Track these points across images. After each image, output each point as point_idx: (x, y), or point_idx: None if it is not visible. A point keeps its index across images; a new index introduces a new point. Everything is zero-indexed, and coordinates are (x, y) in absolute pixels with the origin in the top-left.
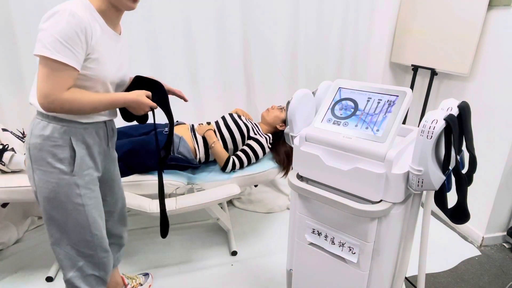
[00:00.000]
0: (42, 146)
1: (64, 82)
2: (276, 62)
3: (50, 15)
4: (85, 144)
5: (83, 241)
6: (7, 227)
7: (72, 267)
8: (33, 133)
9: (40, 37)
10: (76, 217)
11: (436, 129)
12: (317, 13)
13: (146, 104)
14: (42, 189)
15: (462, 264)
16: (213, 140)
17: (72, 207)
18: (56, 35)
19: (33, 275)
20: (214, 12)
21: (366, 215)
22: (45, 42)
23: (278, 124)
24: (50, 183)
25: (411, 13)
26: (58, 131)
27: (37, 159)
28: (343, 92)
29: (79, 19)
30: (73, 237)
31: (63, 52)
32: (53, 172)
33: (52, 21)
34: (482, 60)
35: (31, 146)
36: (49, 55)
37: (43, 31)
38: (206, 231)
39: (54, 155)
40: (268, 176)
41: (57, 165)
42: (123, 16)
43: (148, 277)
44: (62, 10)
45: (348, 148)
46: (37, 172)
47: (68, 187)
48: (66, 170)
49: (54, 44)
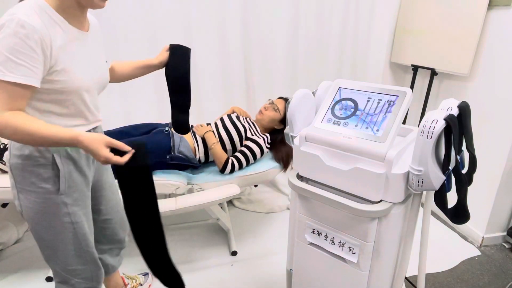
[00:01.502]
0: (24, 166)
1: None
2: (276, 62)
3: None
4: (70, 159)
5: (74, 258)
6: (7, 227)
7: (65, 283)
8: (12, 153)
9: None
10: (66, 236)
11: (436, 129)
12: (317, 13)
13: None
14: (28, 209)
15: (462, 264)
16: (213, 142)
17: (60, 226)
18: (5, 51)
19: (33, 275)
20: (214, 12)
21: (366, 215)
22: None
23: (275, 125)
24: (36, 203)
25: (411, 13)
26: (38, 150)
27: (21, 180)
28: (343, 92)
29: (30, 29)
30: (63, 256)
31: (16, 71)
32: (38, 192)
33: (1, 36)
34: (482, 60)
35: (12, 166)
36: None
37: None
38: (206, 231)
39: (37, 175)
40: (268, 176)
41: (42, 184)
42: (122, 15)
43: (148, 277)
44: (9, 21)
45: (348, 148)
46: (22, 192)
47: (55, 207)
48: (52, 189)
49: (6, 64)
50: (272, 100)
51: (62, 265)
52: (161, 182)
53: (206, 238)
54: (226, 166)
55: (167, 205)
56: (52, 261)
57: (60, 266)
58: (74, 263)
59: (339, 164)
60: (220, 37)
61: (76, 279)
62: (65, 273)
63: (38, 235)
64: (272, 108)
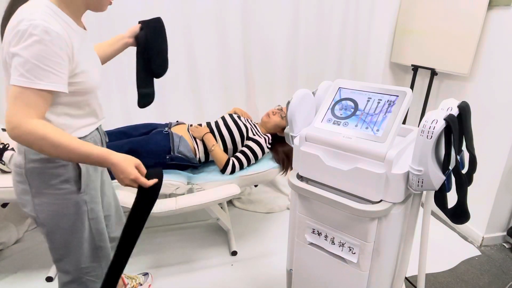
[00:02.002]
0: (43, 169)
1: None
2: (276, 62)
3: (20, 36)
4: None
5: (88, 255)
6: (7, 227)
7: (75, 282)
8: (29, 157)
9: (15, 64)
10: (83, 234)
11: (436, 129)
12: (317, 13)
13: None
14: (46, 213)
15: (462, 264)
16: (212, 144)
17: (80, 225)
18: (33, 59)
19: (33, 275)
20: (214, 12)
21: (366, 215)
22: (22, 70)
23: (278, 131)
24: (56, 205)
25: (411, 13)
26: None
27: (38, 184)
28: (343, 92)
29: (55, 35)
30: (78, 254)
31: (46, 78)
32: (58, 194)
33: (25, 43)
34: (482, 60)
35: (28, 171)
36: (29, 85)
37: (17, 56)
38: (206, 231)
39: (58, 176)
40: (268, 176)
41: (63, 185)
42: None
43: (148, 277)
44: (32, 27)
45: (348, 148)
46: (38, 196)
47: (76, 206)
48: (73, 189)
49: (32, 71)
50: (281, 106)
51: (75, 264)
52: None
53: (206, 238)
54: (227, 166)
55: (167, 205)
56: (65, 261)
57: (73, 265)
58: (88, 261)
59: (339, 164)
60: (220, 37)
61: (87, 277)
62: (78, 272)
63: (54, 238)
64: (280, 115)
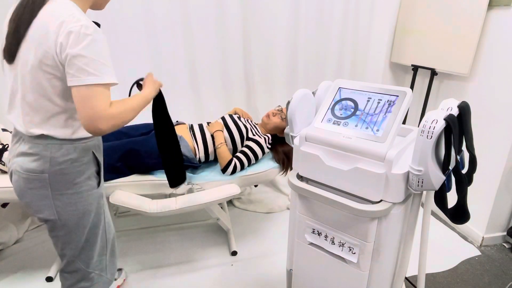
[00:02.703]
0: (70, 169)
1: (108, 100)
2: (276, 62)
3: (76, 37)
4: (100, 152)
5: (99, 250)
6: (7, 227)
7: (83, 280)
8: (55, 160)
9: (80, 64)
10: (99, 228)
11: (436, 129)
12: (317, 13)
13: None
14: (68, 213)
15: (462, 264)
16: (220, 142)
17: (98, 218)
18: (96, 57)
19: (33, 275)
20: (214, 12)
21: (366, 215)
22: (89, 69)
23: (278, 132)
24: (80, 203)
25: (411, 13)
26: (83, 149)
27: (62, 185)
28: (343, 92)
29: (102, 34)
30: (90, 250)
31: (108, 72)
32: (82, 191)
33: (83, 43)
34: (482, 60)
35: (52, 174)
36: (100, 81)
37: (79, 57)
38: (206, 231)
39: (82, 173)
40: (268, 176)
41: (87, 182)
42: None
43: (122, 272)
44: (85, 27)
45: (348, 148)
46: (60, 199)
47: (96, 201)
48: (94, 184)
49: (99, 68)
50: (281, 107)
51: (88, 261)
52: (161, 182)
53: (206, 238)
54: (229, 166)
55: (167, 205)
56: (80, 259)
57: (86, 263)
58: (97, 255)
59: (339, 164)
60: (220, 37)
61: (95, 271)
62: (90, 268)
63: (73, 237)
64: (280, 116)
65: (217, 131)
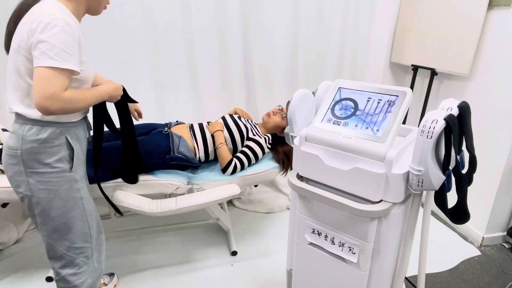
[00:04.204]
0: (39, 149)
1: (65, 83)
2: (276, 62)
3: (45, 26)
4: (78, 140)
5: (81, 234)
6: (7, 227)
7: (68, 265)
8: (26, 139)
9: (43, 49)
10: (76, 213)
11: (436, 129)
12: (317, 13)
13: (119, 87)
14: (40, 191)
15: (462, 264)
16: (220, 141)
17: (72, 202)
18: (60, 45)
19: (33, 275)
20: (214, 12)
21: (366, 215)
22: (51, 53)
23: (278, 131)
24: (50, 183)
25: (411, 13)
26: (55, 133)
27: (33, 164)
28: (343, 92)
29: (73, 28)
30: (71, 234)
31: (71, 60)
32: (52, 172)
33: (51, 31)
34: (482, 60)
35: (24, 152)
36: (59, 65)
37: (45, 42)
38: (206, 231)
39: (53, 155)
40: (268, 176)
41: (58, 164)
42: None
43: (114, 277)
44: (56, 20)
45: (348, 148)
46: (33, 176)
47: (68, 184)
48: (66, 167)
49: (60, 54)
50: (281, 106)
51: (68, 245)
52: (161, 182)
53: (206, 238)
54: (229, 166)
55: (167, 205)
56: (59, 243)
57: (66, 247)
58: (80, 240)
59: (339, 164)
60: (220, 37)
61: (80, 258)
62: (71, 253)
63: (49, 216)
64: (280, 115)
65: (217, 131)
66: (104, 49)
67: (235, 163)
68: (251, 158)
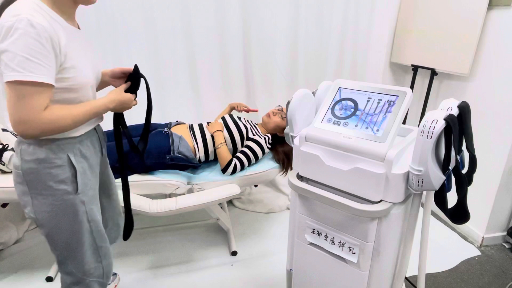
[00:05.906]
0: (39, 170)
1: (41, 102)
2: (276, 62)
3: (6, 32)
4: (83, 157)
5: (90, 256)
6: (7, 227)
7: (78, 283)
8: (24, 158)
9: (6, 60)
10: (83, 236)
11: (436, 129)
12: (317, 13)
13: (129, 100)
14: (44, 214)
15: (462, 264)
16: (220, 142)
17: (79, 226)
18: (21, 52)
19: (33, 275)
20: (214, 12)
21: (366, 215)
22: (12, 65)
23: (278, 131)
24: (54, 206)
25: (411, 13)
26: (54, 151)
27: (36, 185)
28: (343, 92)
29: (40, 28)
30: (80, 256)
31: (36, 70)
32: (56, 195)
33: (12, 38)
34: (482, 60)
35: (25, 172)
36: (21, 78)
37: (6, 52)
38: (206, 231)
39: (54, 177)
40: (268, 176)
41: (60, 186)
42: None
43: (115, 277)
44: (17, 21)
45: (348, 148)
46: (37, 198)
47: (74, 207)
48: (70, 189)
49: (22, 64)
50: (281, 106)
51: (78, 266)
52: (161, 182)
53: (206, 238)
54: (229, 166)
55: (167, 205)
56: (68, 263)
57: (76, 267)
58: (90, 262)
59: (339, 164)
60: (220, 37)
61: (91, 278)
62: (81, 273)
63: (55, 239)
64: (280, 115)
65: (217, 131)
66: (104, 49)
67: (235, 163)
68: (251, 158)
